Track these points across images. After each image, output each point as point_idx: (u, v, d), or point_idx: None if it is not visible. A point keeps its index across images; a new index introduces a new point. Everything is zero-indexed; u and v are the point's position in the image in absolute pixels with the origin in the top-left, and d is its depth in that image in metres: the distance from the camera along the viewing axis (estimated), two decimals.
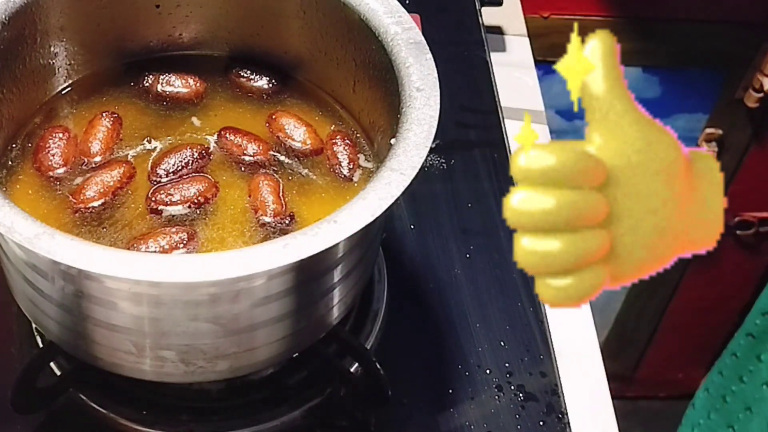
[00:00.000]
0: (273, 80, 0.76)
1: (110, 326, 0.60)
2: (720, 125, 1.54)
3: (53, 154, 0.69)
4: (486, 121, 0.93)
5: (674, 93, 1.51)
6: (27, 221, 0.55)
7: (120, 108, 0.74)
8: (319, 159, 0.72)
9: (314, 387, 0.73)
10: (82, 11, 0.71)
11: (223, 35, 0.77)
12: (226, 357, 0.63)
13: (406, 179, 0.59)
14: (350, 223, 0.56)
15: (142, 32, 0.76)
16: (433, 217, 0.85)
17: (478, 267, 0.82)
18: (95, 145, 0.70)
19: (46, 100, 0.73)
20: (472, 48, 1.00)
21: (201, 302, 0.59)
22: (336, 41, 0.72)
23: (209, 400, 0.72)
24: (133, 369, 0.63)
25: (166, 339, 0.61)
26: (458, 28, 1.02)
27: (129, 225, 0.66)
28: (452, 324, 0.78)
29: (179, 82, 0.75)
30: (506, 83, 0.99)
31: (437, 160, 0.89)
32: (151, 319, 0.60)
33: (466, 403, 0.73)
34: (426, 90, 0.64)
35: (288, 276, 0.60)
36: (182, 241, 0.64)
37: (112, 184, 0.68)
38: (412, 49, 0.66)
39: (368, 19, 0.68)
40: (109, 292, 0.58)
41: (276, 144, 0.72)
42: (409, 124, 0.62)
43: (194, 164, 0.70)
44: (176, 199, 0.67)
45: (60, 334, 0.65)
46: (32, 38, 0.69)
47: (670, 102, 1.53)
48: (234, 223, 0.67)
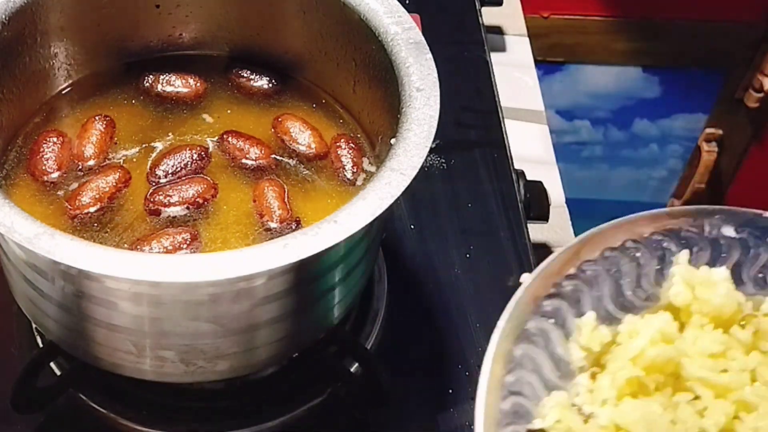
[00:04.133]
0: (273, 80, 0.76)
1: (110, 326, 0.60)
2: (720, 125, 1.54)
3: (47, 159, 0.69)
4: (486, 121, 0.93)
5: (674, 93, 1.51)
6: (27, 221, 0.55)
7: (120, 109, 0.74)
8: (323, 163, 0.72)
9: (314, 387, 0.72)
10: (82, 11, 0.71)
11: (223, 35, 0.77)
12: (226, 357, 0.63)
13: (406, 179, 0.59)
14: (350, 223, 0.56)
15: (142, 32, 0.76)
16: (433, 217, 0.85)
17: (478, 267, 0.82)
18: (89, 149, 0.70)
19: (45, 100, 0.73)
20: (472, 48, 1.00)
21: (201, 302, 0.59)
22: (336, 41, 0.72)
23: (209, 400, 0.72)
24: (133, 369, 0.63)
25: (166, 339, 0.61)
26: (458, 28, 1.02)
27: (130, 227, 0.66)
28: (452, 324, 0.77)
29: (179, 82, 0.75)
30: (506, 83, 0.99)
31: (437, 160, 0.89)
32: (151, 319, 0.59)
33: (466, 403, 0.73)
34: (426, 90, 0.64)
35: (288, 276, 0.60)
36: (185, 242, 0.64)
37: (108, 190, 0.67)
38: (412, 49, 0.66)
39: (368, 19, 0.68)
40: (109, 292, 0.58)
41: (280, 147, 0.72)
42: (409, 124, 0.62)
43: (193, 165, 0.70)
44: (175, 200, 0.67)
45: (60, 334, 0.65)
46: (32, 38, 0.69)
47: (670, 102, 1.53)
48: (237, 224, 0.67)
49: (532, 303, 0.57)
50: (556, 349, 0.55)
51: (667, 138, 1.58)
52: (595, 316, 0.57)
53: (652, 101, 1.52)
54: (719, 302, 0.56)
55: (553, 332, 0.56)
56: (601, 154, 1.59)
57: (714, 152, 1.56)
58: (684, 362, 0.54)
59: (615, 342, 0.56)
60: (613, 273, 0.59)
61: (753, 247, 0.59)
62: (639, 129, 1.56)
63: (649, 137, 1.57)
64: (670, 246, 0.60)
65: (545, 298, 0.57)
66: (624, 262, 0.59)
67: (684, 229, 0.60)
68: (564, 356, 0.55)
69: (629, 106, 1.52)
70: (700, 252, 0.59)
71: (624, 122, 1.55)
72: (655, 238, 0.60)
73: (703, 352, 0.55)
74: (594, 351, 0.55)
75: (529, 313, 0.56)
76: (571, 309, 0.57)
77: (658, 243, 0.60)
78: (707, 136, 1.55)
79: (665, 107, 1.54)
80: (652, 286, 0.59)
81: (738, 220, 0.60)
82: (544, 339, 0.55)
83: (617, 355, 0.55)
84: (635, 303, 0.59)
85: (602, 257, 0.59)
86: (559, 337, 0.56)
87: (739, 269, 0.59)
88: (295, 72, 0.77)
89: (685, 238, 0.60)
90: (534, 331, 0.56)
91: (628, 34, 1.40)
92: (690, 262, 0.58)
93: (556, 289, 0.58)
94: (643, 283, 0.59)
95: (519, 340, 0.55)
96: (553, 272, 0.58)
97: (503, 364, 0.54)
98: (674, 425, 0.52)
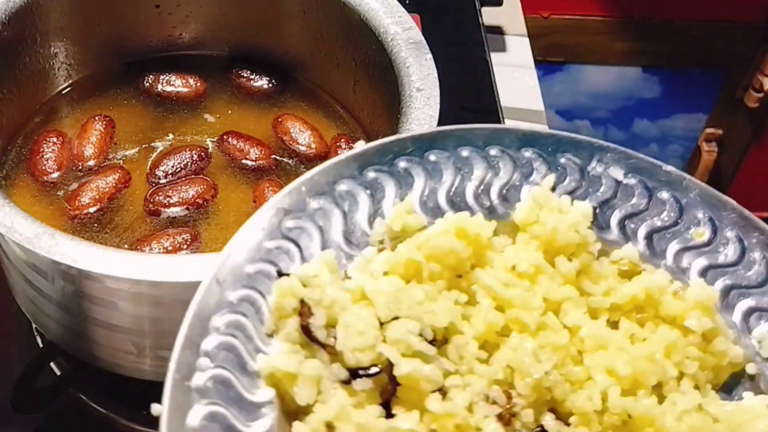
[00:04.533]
0: (273, 80, 0.76)
1: (110, 326, 0.60)
2: (720, 125, 1.54)
3: (47, 159, 0.69)
4: (486, 121, 0.93)
5: (674, 93, 1.51)
6: (27, 221, 0.55)
7: (120, 109, 0.74)
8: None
9: None
10: (82, 11, 0.71)
11: (223, 35, 0.77)
12: None
13: None
14: None
15: (142, 32, 0.76)
16: None
17: None
18: (89, 149, 0.70)
19: (45, 100, 0.73)
20: (472, 48, 1.00)
21: None
22: (336, 41, 0.72)
23: None
24: (133, 369, 0.63)
25: (166, 339, 0.61)
26: (458, 28, 1.02)
27: (130, 228, 0.66)
28: None
29: (179, 82, 0.75)
30: (506, 83, 0.99)
31: None
32: (151, 319, 0.59)
33: None
34: (426, 90, 0.64)
35: None
36: (186, 242, 0.64)
37: (107, 190, 0.67)
38: (412, 49, 0.66)
39: (368, 19, 0.68)
40: (109, 292, 0.58)
41: (280, 147, 0.72)
42: (409, 124, 0.62)
43: (193, 166, 0.70)
44: (174, 200, 0.67)
45: (60, 334, 0.65)
46: (32, 38, 0.69)
47: (670, 102, 1.53)
48: (237, 225, 0.67)
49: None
50: (358, 216, 0.50)
51: (667, 138, 1.58)
52: (419, 203, 0.52)
53: (652, 101, 1.52)
54: (558, 228, 0.50)
55: (364, 201, 0.50)
56: None
57: (714, 152, 1.56)
58: (478, 269, 0.49)
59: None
60: (464, 172, 0.53)
61: (635, 196, 0.54)
62: (639, 129, 1.56)
63: (649, 137, 1.58)
64: (541, 168, 0.54)
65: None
66: (480, 167, 0.54)
67: (565, 158, 0.54)
68: (365, 228, 0.50)
69: (629, 106, 1.52)
70: (572, 183, 0.54)
71: (624, 122, 1.55)
72: (527, 155, 0.54)
73: (507, 264, 0.50)
74: (395, 230, 0.51)
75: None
76: (399, 188, 0.52)
77: (528, 161, 0.54)
78: (707, 136, 1.55)
79: (665, 107, 1.54)
80: (500, 198, 0.53)
81: (631, 165, 0.55)
82: (352, 203, 0.50)
83: (411, 241, 0.50)
84: (473, 207, 0.53)
85: (456, 154, 0.54)
86: (366, 206, 0.51)
87: (608, 212, 0.53)
88: (295, 72, 0.77)
89: (562, 165, 0.54)
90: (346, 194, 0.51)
91: (628, 34, 1.41)
92: (554, 189, 0.53)
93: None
94: (492, 192, 0.53)
95: (321, 196, 0.50)
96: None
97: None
98: (423, 310, 0.47)
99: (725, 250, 0.52)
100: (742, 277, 0.51)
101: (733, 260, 0.52)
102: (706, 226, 0.53)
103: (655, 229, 0.53)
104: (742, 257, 0.52)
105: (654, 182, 0.54)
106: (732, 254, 0.52)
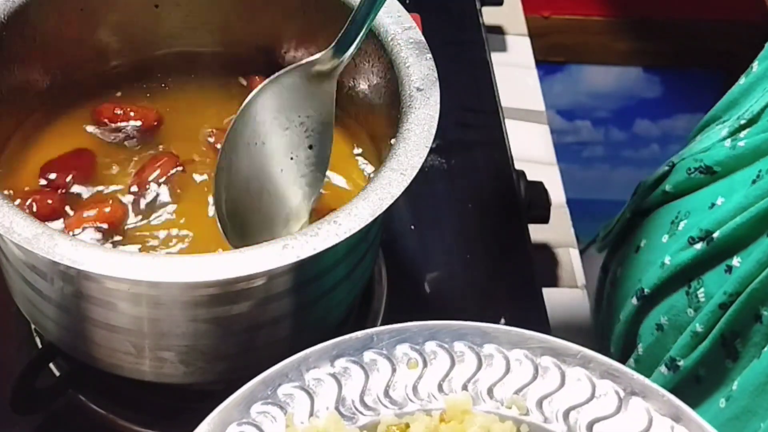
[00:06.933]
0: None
1: (109, 327, 0.60)
2: None
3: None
4: (486, 121, 0.93)
5: (675, 93, 1.51)
6: (26, 221, 0.55)
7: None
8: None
9: None
10: (82, 12, 0.71)
11: (222, 35, 0.77)
12: (226, 358, 0.62)
13: (406, 179, 0.58)
14: (350, 223, 0.56)
15: (141, 32, 0.76)
16: (433, 217, 0.85)
17: (479, 268, 0.81)
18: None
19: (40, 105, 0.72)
20: (472, 48, 1.00)
21: (201, 303, 0.59)
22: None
23: (209, 401, 0.72)
24: (132, 370, 0.63)
25: (166, 340, 0.61)
26: (458, 28, 1.02)
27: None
28: None
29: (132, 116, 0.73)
30: (506, 83, 0.99)
31: (437, 160, 0.89)
32: (151, 319, 0.59)
33: None
34: (426, 90, 0.64)
35: (288, 276, 0.60)
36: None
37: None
38: (412, 48, 0.66)
39: None
40: (109, 293, 0.58)
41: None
42: (409, 124, 0.62)
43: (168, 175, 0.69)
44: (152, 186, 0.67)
45: (59, 335, 0.65)
46: (31, 38, 0.69)
47: (670, 102, 1.53)
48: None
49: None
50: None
51: (668, 138, 1.58)
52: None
53: (653, 101, 1.52)
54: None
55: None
56: (602, 154, 1.59)
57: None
58: None
59: None
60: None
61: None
62: (640, 129, 1.56)
63: (650, 137, 1.57)
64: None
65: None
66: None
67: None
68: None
69: (630, 106, 1.52)
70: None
71: (625, 122, 1.55)
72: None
73: None
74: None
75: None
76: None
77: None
78: None
79: (666, 107, 1.54)
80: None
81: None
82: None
83: None
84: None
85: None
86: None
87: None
88: None
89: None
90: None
91: (629, 34, 1.41)
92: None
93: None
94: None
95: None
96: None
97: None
98: None
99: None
100: None
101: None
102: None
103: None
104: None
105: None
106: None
